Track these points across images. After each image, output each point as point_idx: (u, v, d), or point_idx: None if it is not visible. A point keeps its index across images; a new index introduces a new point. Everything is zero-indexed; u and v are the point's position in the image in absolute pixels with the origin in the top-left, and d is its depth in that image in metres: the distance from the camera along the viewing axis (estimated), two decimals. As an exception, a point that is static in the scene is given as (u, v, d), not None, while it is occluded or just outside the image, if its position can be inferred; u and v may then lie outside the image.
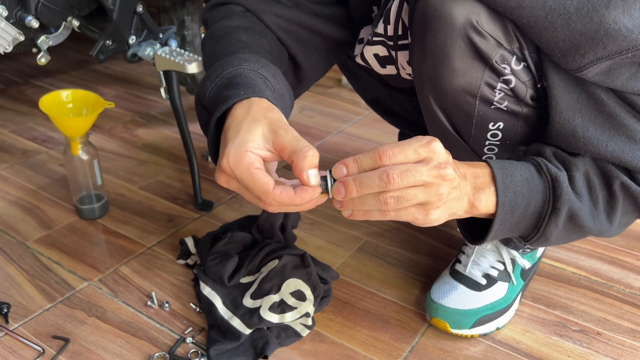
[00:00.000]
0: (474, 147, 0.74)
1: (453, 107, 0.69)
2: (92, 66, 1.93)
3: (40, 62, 0.98)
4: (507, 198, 0.61)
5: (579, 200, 0.64)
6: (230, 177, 0.56)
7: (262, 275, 0.87)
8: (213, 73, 0.64)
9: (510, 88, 0.66)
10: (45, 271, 0.96)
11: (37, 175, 1.26)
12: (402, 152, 0.54)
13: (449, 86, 0.66)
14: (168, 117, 1.55)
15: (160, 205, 1.15)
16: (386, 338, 0.83)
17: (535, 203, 0.63)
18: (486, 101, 0.67)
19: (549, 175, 0.63)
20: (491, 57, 0.64)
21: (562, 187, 0.62)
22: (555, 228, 0.64)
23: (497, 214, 0.61)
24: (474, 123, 0.70)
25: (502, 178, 0.61)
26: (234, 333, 0.81)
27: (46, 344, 0.82)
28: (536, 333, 0.84)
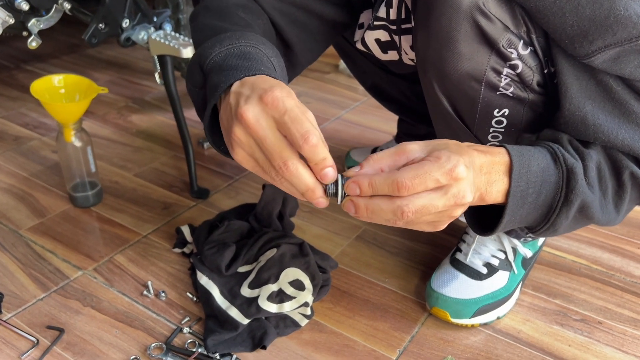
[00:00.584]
0: (477, 134, 0.72)
1: (457, 92, 0.67)
2: (84, 51, 1.89)
3: (31, 46, 0.95)
4: (520, 188, 0.58)
5: (591, 192, 0.62)
6: (264, 113, 0.50)
7: (260, 264, 0.86)
8: (226, 40, 0.60)
9: (516, 73, 0.65)
10: (39, 260, 0.95)
11: (29, 162, 1.24)
12: (422, 183, 0.51)
13: (454, 71, 0.64)
14: (162, 103, 1.52)
15: (155, 193, 1.14)
16: (386, 327, 0.82)
17: (546, 193, 0.60)
18: (492, 87, 0.66)
19: (565, 165, 0.60)
20: (498, 41, 0.62)
21: (577, 179, 0.60)
22: (566, 219, 0.62)
23: (508, 204, 0.58)
24: (478, 109, 0.68)
25: (518, 167, 0.58)
26: (231, 323, 0.80)
27: (40, 335, 0.80)
28: (537, 322, 0.84)
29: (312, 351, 0.78)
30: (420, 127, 1.12)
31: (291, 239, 0.89)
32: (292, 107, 0.50)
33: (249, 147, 0.53)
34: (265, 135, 0.51)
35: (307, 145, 0.50)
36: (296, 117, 0.50)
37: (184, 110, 1.12)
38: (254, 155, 0.53)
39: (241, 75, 0.55)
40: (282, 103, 0.50)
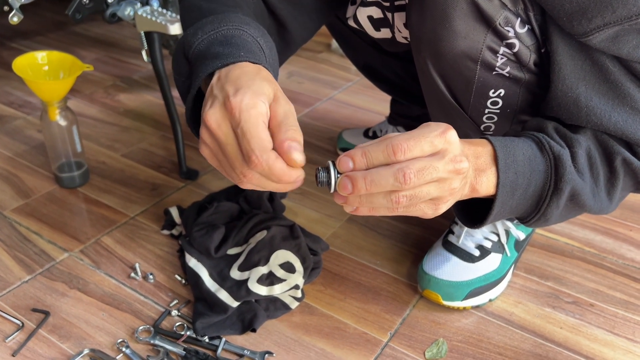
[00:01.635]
0: (472, 116, 0.71)
1: (452, 72, 0.65)
2: (70, 28, 1.85)
3: (13, 21, 0.92)
4: (509, 179, 0.57)
5: (581, 179, 0.60)
6: (225, 119, 0.49)
7: (250, 246, 0.84)
8: (207, 25, 0.58)
9: (513, 52, 0.63)
10: (24, 242, 0.93)
11: (13, 142, 1.21)
12: (417, 145, 0.49)
13: (449, 50, 0.62)
14: (151, 82, 1.49)
15: (143, 174, 1.11)
16: (377, 310, 0.82)
17: (536, 183, 0.59)
18: (488, 66, 0.64)
19: (552, 153, 0.59)
20: (495, 19, 0.60)
21: (565, 167, 0.58)
22: (557, 208, 0.60)
23: (497, 196, 0.57)
24: (473, 90, 0.66)
25: (504, 157, 0.56)
26: (220, 306, 0.78)
27: (25, 317, 0.79)
28: (529, 305, 0.83)
29: (303, 334, 0.78)
30: (413, 108, 1.10)
31: (282, 221, 0.88)
32: (246, 119, 0.48)
33: (212, 148, 0.52)
34: (225, 142, 0.50)
35: (251, 166, 0.49)
36: (247, 132, 0.48)
37: (172, 89, 1.09)
38: (217, 156, 0.53)
39: (219, 65, 0.53)
40: (238, 113, 0.49)
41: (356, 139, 1.17)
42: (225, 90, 0.51)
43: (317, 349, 0.75)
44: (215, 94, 0.52)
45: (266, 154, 0.48)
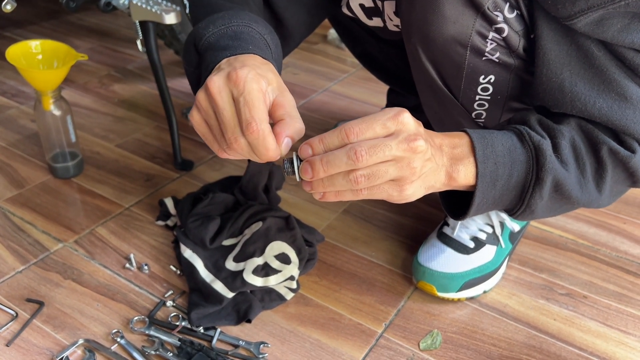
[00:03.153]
0: (463, 102, 0.70)
1: (442, 58, 0.65)
2: (65, 17, 1.83)
3: (6, 9, 0.91)
4: (488, 169, 0.57)
5: (565, 169, 0.60)
6: (227, 87, 0.51)
7: (246, 237, 0.84)
8: (219, 20, 0.60)
9: (502, 38, 0.63)
10: (18, 232, 0.92)
11: (7, 132, 1.20)
12: (369, 127, 0.51)
13: (439, 35, 0.62)
14: (146, 72, 1.48)
15: (137, 164, 1.11)
16: (372, 301, 0.82)
17: (518, 173, 0.59)
18: (477, 52, 0.64)
19: (532, 143, 0.59)
20: (483, 3, 0.60)
21: (546, 156, 0.58)
22: (540, 199, 0.60)
23: (477, 186, 0.57)
24: (464, 76, 0.66)
25: (481, 148, 0.57)
26: (216, 297, 0.78)
27: (20, 308, 0.78)
28: (523, 296, 0.83)
29: (298, 325, 0.78)
30: (409, 98, 1.10)
31: (277, 212, 0.88)
32: (250, 90, 0.50)
33: (205, 112, 0.53)
34: (223, 107, 0.52)
35: (248, 132, 0.50)
36: (250, 101, 0.50)
37: (167, 79, 1.08)
38: (209, 121, 0.54)
39: (228, 55, 0.56)
40: (242, 83, 0.51)
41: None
42: (233, 65, 0.53)
43: (312, 339, 0.76)
44: (222, 67, 0.54)
45: (263, 124, 0.50)
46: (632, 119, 0.60)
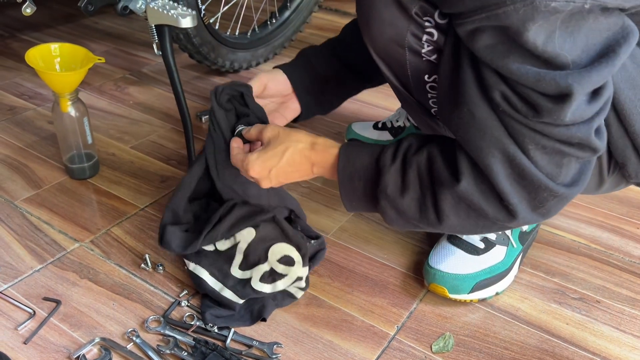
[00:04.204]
0: (420, 100, 0.74)
1: (387, 56, 0.70)
2: (80, 20, 1.86)
3: (26, 13, 0.93)
4: (345, 179, 0.71)
5: (400, 193, 0.67)
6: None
7: (242, 247, 0.82)
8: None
9: (434, 41, 0.65)
10: (35, 231, 0.94)
11: (24, 133, 1.22)
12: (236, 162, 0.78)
13: (379, 35, 0.68)
14: (160, 75, 1.50)
15: (153, 166, 1.12)
16: (384, 303, 0.82)
17: (371, 188, 0.69)
18: (414, 52, 0.67)
19: (379, 165, 0.68)
20: (410, 9, 0.63)
21: (382, 180, 0.67)
22: (385, 214, 0.69)
23: (340, 191, 0.72)
24: (409, 74, 0.70)
25: (342, 162, 0.70)
26: (227, 305, 0.79)
27: (37, 306, 0.80)
28: (535, 300, 0.84)
29: (310, 326, 0.78)
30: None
31: (264, 214, 0.82)
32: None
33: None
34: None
35: None
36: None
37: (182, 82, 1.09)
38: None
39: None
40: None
41: (365, 130, 1.18)
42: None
43: (324, 340, 0.76)
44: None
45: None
46: (473, 138, 0.60)
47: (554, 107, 0.55)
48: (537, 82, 0.55)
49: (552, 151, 0.59)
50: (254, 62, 1.52)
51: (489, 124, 0.59)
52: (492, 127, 0.59)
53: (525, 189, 0.61)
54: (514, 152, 0.59)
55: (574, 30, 0.54)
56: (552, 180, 0.60)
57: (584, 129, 0.57)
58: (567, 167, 0.60)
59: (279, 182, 0.76)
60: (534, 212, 0.63)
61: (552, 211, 0.63)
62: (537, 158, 0.59)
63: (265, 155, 0.73)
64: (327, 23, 1.91)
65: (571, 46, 0.54)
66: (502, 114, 0.59)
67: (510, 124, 0.59)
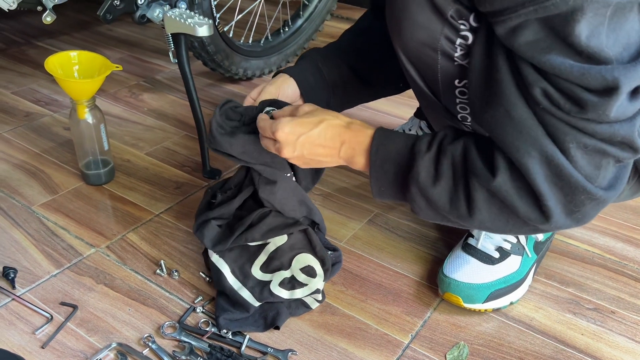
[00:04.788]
0: (447, 105, 0.74)
1: (418, 60, 0.70)
2: (95, 27, 1.88)
3: (46, 21, 0.94)
4: (377, 163, 0.69)
5: (433, 181, 0.65)
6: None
7: (269, 248, 0.84)
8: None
9: (468, 45, 0.65)
10: (52, 236, 0.95)
11: (40, 139, 1.23)
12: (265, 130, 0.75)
13: (411, 38, 0.68)
14: (173, 82, 1.51)
15: (167, 172, 1.13)
16: (398, 312, 0.82)
17: (400, 174, 0.68)
18: (447, 55, 0.67)
19: (413, 151, 0.67)
20: (446, 12, 0.63)
21: (415, 166, 0.66)
22: (414, 202, 0.68)
23: (370, 174, 0.70)
24: (439, 78, 0.70)
25: (375, 145, 0.69)
26: (243, 305, 0.80)
27: (54, 310, 0.81)
28: (549, 310, 0.83)
29: (325, 333, 0.79)
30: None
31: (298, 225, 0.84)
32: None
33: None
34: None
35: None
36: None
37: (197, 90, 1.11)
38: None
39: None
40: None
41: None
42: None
43: (339, 348, 0.76)
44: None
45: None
46: (510, 138, 0.60)
47: (599, 101, 0.55)
48: (581, 76, 0.54)
49: (593, 150, 0.58)
50: (266, 69, 1.53)
51: (527, 123, 0.59)
52: (530, 126, 0.59)
53: (562, 191, 0.60)
54: (553, 151, 0.58)
55: (617, 27, 0.54)
56: (591, 182, 0.59)
57: (626, 126, 0.57)
58: (606, 169, 0.60)
59: (302, 153, 0.72)
60: (569, 217, 0.62)
61: (587, 216, 0.62)
62: (577, 158, 0.58)
63: (298, 120, 0.71)
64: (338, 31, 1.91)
65: (614, 42, 0.54)
66: (543, 112, 0.58)
67: (551, 122, 0.58)
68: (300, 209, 0.83)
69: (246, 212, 0.83)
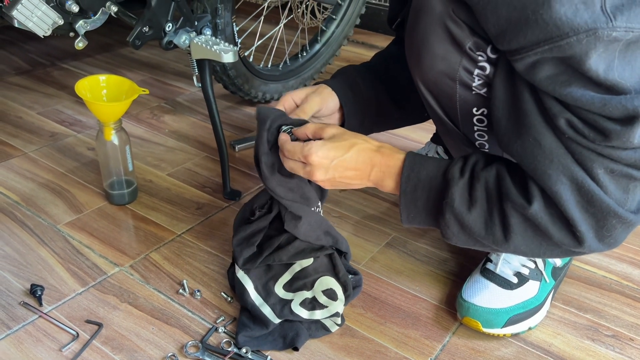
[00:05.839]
0: (465, 132, 0.76)
1: (437, 90, 0.72)
2: (117, 50, 1.93)
3: (78, 47, 0.98)
4: (409, 189, 0.70)
5: (468, 208, 0.67)
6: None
7: (295, 268, 0.86)
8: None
9: (486, 75, 0.67)
10: (77, 255, 0.97)
11: (65, 159, 1.27)
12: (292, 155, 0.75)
13: (430, 69, 0.70)
14: (194, 105, 1.55)
15: (188, 193, 1.16)
16: (417, 335, 0.83)
17: (434, 200, 0.70)
18: (465, 85, 0.69)
19: (446, 177, 0.68)
20: (464, 44, 0.66)
21: (450, 192, 0.67)
22: (447, 228, 0.69)
23: (400, 200, 0.72)
24: (458, 107, 0.72)
25: (407, 171, 0.70)
26: (263, 320, 0.81)
27: (80, 328, 0.82)
28: (568, 336, 0.84)
29: (345, 355, 0.80)
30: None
31: (325, 250, 0.86)
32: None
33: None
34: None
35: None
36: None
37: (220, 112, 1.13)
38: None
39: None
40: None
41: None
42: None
43: (359, 371, 0.77)
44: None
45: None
46: (541, 166, 0.62)
47: (622, 129, 0.57)
48: (603, 107, 0.57)
49: (620, 175, 0.61)
50: (284, 93, 1.56)
51: (556, 152, 0.61)
52: (559, 154, 0.61)
53: (594, 217, 0.62)
54: (583, 178, 0.61)
55: (631, 59, 0.56)
56: (621, 206, 0.62)
57: None
58: (634, 193, 0.62)
59: (333, 176, 0.73)
60: (601, 242, 0.64)
61: (618, 240, 0.64)
62: (606, 183, 0.61)
63: (331, 144, 0.72)
64: (355, 56, 1.96)
65: (630, 74, 0.56)
66: (569, 141, 0.61)
67: (578, 150, 0.61)
68: (326, 239, 0.85)
69: (275, 231, 0.85)
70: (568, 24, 0.54)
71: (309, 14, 1.59)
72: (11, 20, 0.89)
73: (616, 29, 0.53)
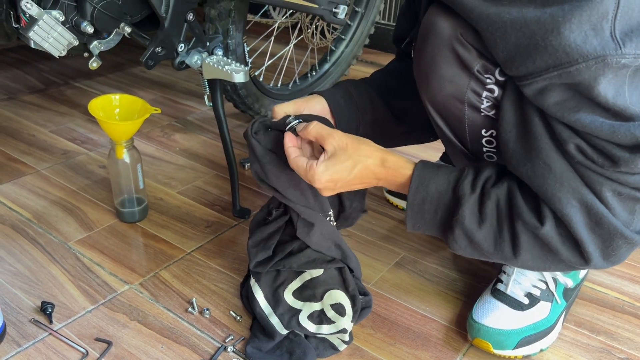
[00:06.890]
0: (474, 153, 0.76)
1: (445, 112, 0.73)
2: (128, 69, 1.96)
3: (92, 67, 1.00)
4: (416, 201, 0.71)
5: (478, 224, 0.67)
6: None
7: (305, 277, 0.86)
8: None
9: (494, 97, 0.68)
10: (87, 272, 0.98)
11: (77, 176, 1.28)
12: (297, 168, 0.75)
13: (438, 91, 0.71)
14: (204, 123, 1.56)
15: (198, 211, 1.16)
16: (427, 357, 0.83)
17: (442, 213, 0.70)
18: (474, 107, 0.70)
19: (457, 194, 0.68)
20: (472, 67, 0.66)
21: (460, 210, 0.67)
22: (455, 242, 0.70)
23: (407, 212, 0.73)
24: (466, 128, 0.73)
25: (415, 184, 0.71)
26: (270, 331, 0.82)
27: (89, 346, 0.82)
28: (580, 358, 0.83)
29: (354, 376, 0.79)
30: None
31: (335, 263, 0.88)
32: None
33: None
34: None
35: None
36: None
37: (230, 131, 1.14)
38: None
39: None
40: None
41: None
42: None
43: (368, 392, 0.77)
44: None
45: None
46: (551, 189, 0.63)
47: (630, 156, 0.58)
48: (612, 134, 0.58)
49: (627, 197, 0.62)
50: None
51: (565, 175, 0.62)
52: (569, 178, 0.62)
53: (601, 237, 0.63)
54: (592, 201, 0.62)
55: (639, 85, 0.57)
56: (627, 227, 0.63)
57: None
58: (639, 214, 0.63)
59: (340, 191, 0.76)
60: (607, 260, 0.65)
61: (622, 258, 0.66)
62: (614, 205, 0.62)
63: (333, 169, 0.71)
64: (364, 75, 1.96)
65: (637, 100, 0.57)
66: (578, 165, 0.62)
67: (587, 174, 0.62)
68: (336, 251, 0.85)
69: (288, 237, 0.85)
70: (577, 50, 0.54)
71: (318, 34, 1.61)
72: (27, 41, 0.91)
73: (625, 56, 0.54)
